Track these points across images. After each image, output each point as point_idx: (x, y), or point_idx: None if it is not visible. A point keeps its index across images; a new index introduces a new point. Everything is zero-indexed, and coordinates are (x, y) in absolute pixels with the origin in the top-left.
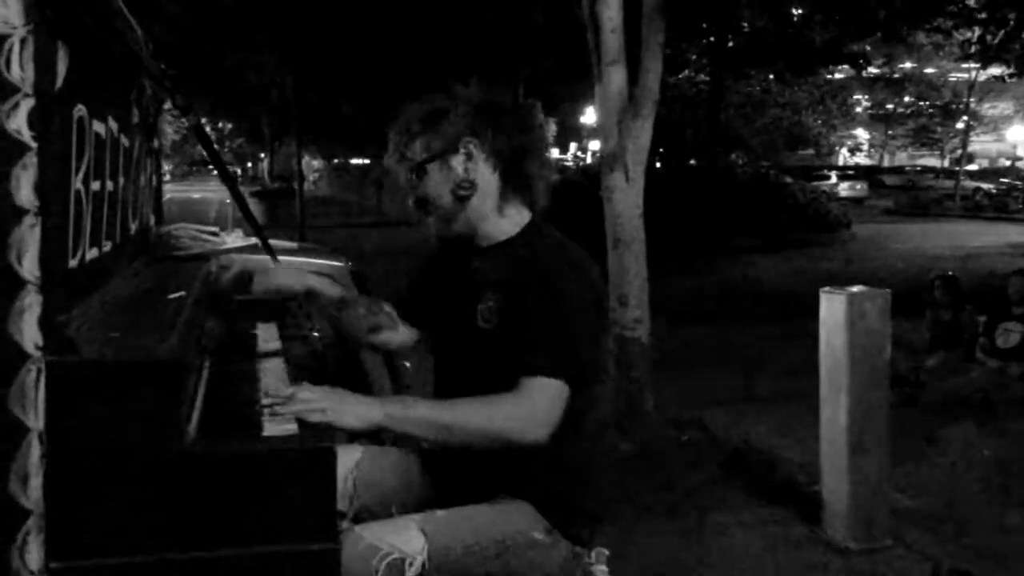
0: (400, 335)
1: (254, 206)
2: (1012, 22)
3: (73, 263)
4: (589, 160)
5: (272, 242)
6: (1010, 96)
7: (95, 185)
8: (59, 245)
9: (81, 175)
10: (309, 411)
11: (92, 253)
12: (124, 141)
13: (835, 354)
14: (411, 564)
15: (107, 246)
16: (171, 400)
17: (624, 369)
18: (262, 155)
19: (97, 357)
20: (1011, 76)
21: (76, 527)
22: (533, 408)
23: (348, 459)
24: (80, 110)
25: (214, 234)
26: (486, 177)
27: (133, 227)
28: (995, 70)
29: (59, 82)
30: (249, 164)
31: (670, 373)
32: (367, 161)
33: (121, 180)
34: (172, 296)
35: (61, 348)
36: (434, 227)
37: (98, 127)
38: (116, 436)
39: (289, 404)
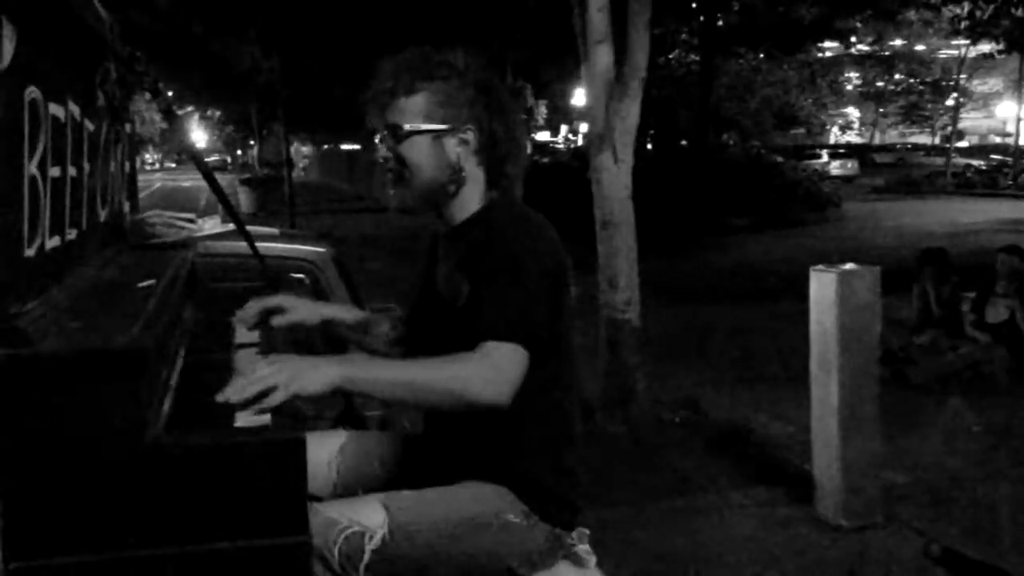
0: None
1: (244, 194)
2: None
3: (30, 252)
4: (580, 142)
5: (253, 228)
6: (999, 72)
7: (54, 171)
8: (12, 233)
9: (36, 160)
10: (267, 390)
11: (53, 242)
12: (88, 125)
13: (825, 332)
14: (371, 538)
15: (71, 234)
16: (132, 392)
17: (615, 351)
18: (251, 142)
19: (53, 349)
20: (1000, 53)
21: (35, 525)
22: (492, 368)
23: (332, 444)
24: (33, 92)
25: (190, 221)
26: (472, 168)
27: (103, 215)
28: (984, 47)
29: (5, 61)
30: (239, 151)
31: (661, 354)
32: (357, 147)
33: (86, 166)
34: (142, 285)
35: (15, 340)
36: (396, 197)
37: (56, 110)
38: (74, 430)
39: (242, 389)
